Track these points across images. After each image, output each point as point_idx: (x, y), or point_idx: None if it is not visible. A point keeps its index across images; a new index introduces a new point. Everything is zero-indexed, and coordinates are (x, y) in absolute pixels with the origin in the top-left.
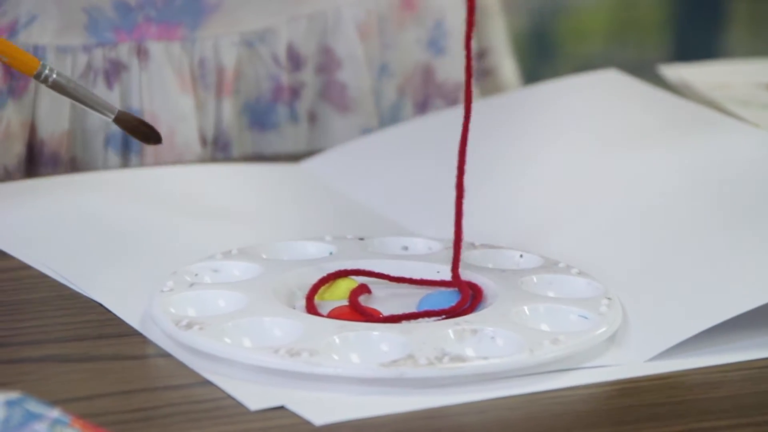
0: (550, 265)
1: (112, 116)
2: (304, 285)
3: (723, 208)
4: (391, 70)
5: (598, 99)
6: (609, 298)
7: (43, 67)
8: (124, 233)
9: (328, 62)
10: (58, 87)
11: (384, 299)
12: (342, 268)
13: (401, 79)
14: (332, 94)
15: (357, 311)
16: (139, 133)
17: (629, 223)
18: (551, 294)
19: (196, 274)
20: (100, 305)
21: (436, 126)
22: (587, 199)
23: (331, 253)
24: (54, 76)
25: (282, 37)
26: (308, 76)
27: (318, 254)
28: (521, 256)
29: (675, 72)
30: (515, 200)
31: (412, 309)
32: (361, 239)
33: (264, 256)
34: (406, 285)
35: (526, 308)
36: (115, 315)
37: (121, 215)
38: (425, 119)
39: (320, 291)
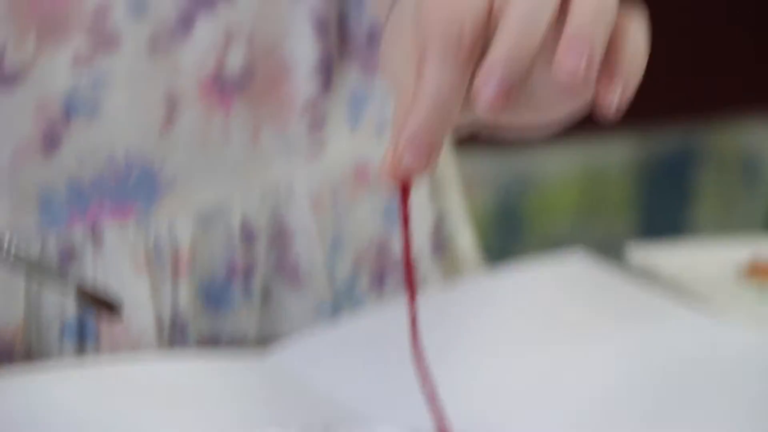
0: None
1: (72, 290)
2: None
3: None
4: (345, 243)
5: (563, 285)
6: None
7: (2, 240)
8: (85, 427)
9: (281, 236)
10: (18, 261)
11: None
12: None
13: (355, 253)
14: (285, 268)
15: None
16: (99, 305)
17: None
18: None
19: None
20: None
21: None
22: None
23: None
24: (13, 249)
25: (236, 211)
26: (261, 252)
27: None
28: None
29: (642, 255)
30: (482, 387)
31: None
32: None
33: None
34: None
35: None
36: None
37: (82, 414)
38: (387, 308)
39: None
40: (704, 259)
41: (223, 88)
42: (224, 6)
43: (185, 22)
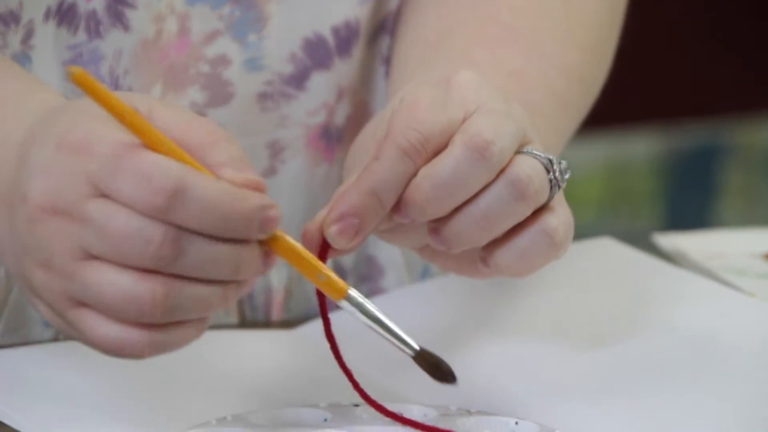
0: None
1: (412, 353)
2: None
3: (720, 378)
4: (434, 271)
5: (593, 268)
6: None
7: (352, 292)
8: (116, 400)
9: (370, 271)
10: (364, 312)
11: None
12: None
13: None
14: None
15: None
16: (438, 372)
17: (624, 392)
18: None
19: None
20: None
21: (434, 292)
22: (582, 367)
23: (325, 420)
24: (360, 300)
25: None
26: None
27: (312, 421)
28: (516, 423)
29: (669, 241)
30: (510, 367)
31: None
32: (356, 405)
33: (258, 423)
34: None
35: None
36: None
37: (113, 382)
38: (423, 285)
39: None
40: (730, 247)
41: (329, 138)
42: (339, 64)
43: (300, 78)
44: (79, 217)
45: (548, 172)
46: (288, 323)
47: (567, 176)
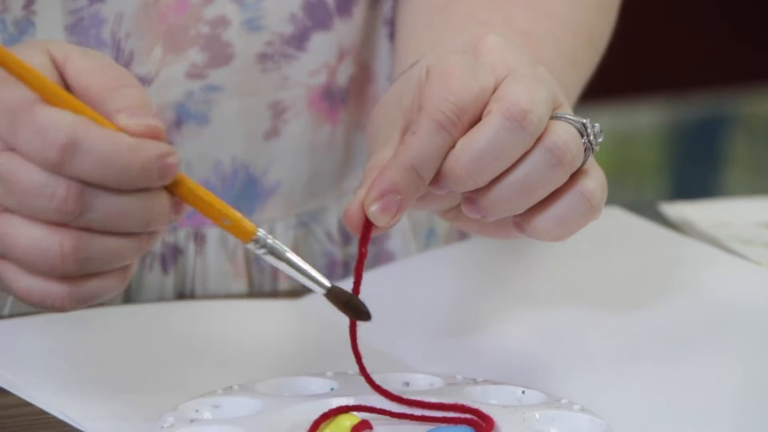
0: (552, 401)
1: (323, 291)
2: (305, 421)
3: (727, 345)
4: (439, 234)
5: (601, 237)
6: None
7: (260, 234)
8: (124, 369)
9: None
10: (274, 253)
11: None
12: (343, 404)
13: (446, 239)
14: (381, 261)
15: None
16: (350, 309)
17: (633, 359)
18: (554, 430)
19: (197, 410)
20: None
21: (442, 261)
22: (590, 336)
23: (332, 389)
24: (269, 241)
25: (333, 214)
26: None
27: (319, 390)
28: (523, 391)
29: (676, 210)
30: (517, 336)
31: None
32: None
33: (265, 392)
34: (408, 421)
35: None
36: None
37: (121, 351)
38: (431, 254)
39: (321, 427)
40: (737, 217)
41: (332, 100)
42: (339, 24)
43: (300, 38)
44: None
45: (582, 136)
46: (295, 293)
47: (600, 139)
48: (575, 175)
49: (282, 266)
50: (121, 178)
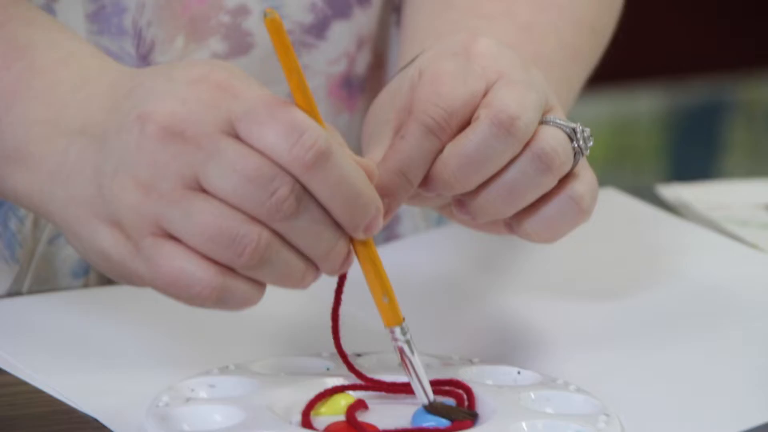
0: (548, 381)
1: (425, 402)
2: (301, 401)
3: (722, 327)
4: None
5: (598, 219)
6: (607, 415)
7: (405, 325)
8: (120, 348)
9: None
10: (406, 348)
11: (381, 414)
12: (339, 383)
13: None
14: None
15: (354, 427)
16: (452, 420)
17: (627, 340)
18: (549, 410)
19: (192, 389)
20: (96, 420)
21: (443, 240)
22: (586, 317)
23: (328, 369)
24: (408, 336)
25: None
26: None
27: (315, 370)
28: (519, 372)
29: (673, 192)
30: (514, 317)
31: (409, 424)
32: (359, 355)
33: (261, 372)
34: (402, 400)
35: (524, 424)
36: (111, 430)
37: (117, 330)
38: (432, 234)
39: (317, 406)
40: (734, 198)
41: (350, 88)
42: (359, 13)
43: (320, 27)
44: (207, 147)
45: (572, 140)
46: None
47: (590, 144)
48: (565, 179)
49: (405, 362)
50: (343, 203)
